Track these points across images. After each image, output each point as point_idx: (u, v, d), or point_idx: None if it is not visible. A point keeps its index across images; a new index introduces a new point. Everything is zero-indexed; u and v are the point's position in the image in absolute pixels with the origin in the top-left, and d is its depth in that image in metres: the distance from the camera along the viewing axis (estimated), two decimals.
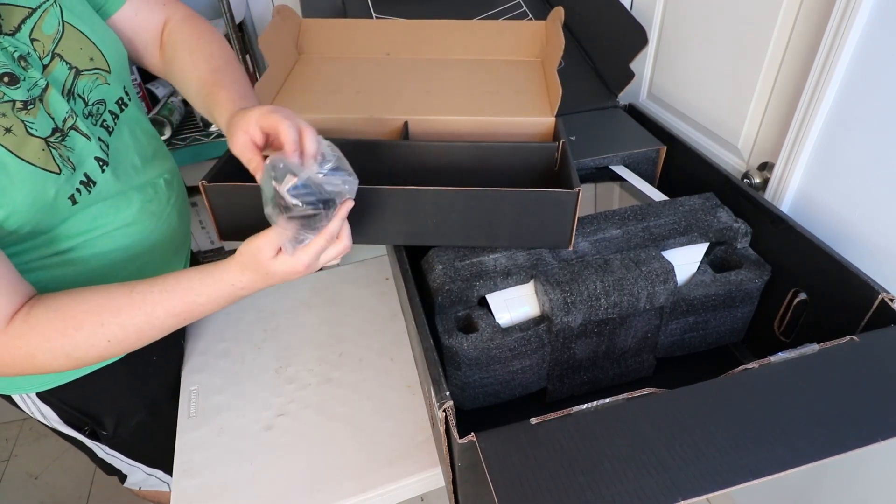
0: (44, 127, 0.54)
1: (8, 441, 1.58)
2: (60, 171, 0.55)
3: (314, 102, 0.82)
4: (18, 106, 0.52)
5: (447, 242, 0.70)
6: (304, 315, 0.92)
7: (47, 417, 0.74)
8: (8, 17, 0.54)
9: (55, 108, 0.55)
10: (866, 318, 0.61)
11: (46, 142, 0.53)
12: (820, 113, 0.71)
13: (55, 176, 0.54)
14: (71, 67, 0.58)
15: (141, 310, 0.55)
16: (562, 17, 0.89)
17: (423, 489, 0.70)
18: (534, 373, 0.71)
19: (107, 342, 0.55)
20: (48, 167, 0.53)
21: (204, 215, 1.53)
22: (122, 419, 0.79)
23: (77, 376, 0.70)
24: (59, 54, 0.57)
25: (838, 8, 0.65)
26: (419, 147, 0.74)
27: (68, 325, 0.53)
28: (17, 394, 0.71)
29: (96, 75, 0.61)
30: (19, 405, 0.73)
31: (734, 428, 0.47)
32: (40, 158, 0.53)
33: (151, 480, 0.90)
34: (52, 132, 0.54)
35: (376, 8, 1.09)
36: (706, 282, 0.70)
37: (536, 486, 0.43)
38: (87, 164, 0.58)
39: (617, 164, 0.91)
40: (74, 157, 0.56)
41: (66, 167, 0.55)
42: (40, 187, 0.53)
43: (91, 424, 0.77)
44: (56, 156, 0.54)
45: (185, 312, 0.57)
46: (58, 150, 0.55)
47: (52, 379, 0.69)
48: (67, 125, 0.56)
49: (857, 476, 0.86)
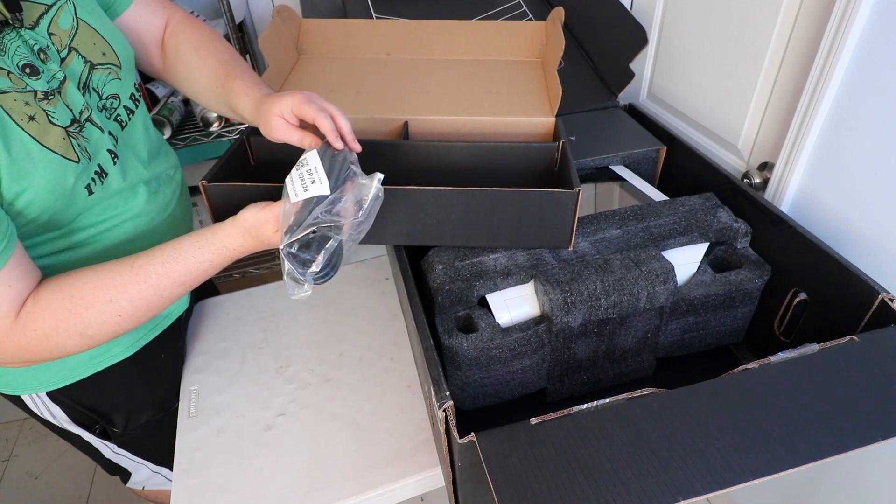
0: (64, 117, 0.55)
1: (8, 441, 1.58)
2: (79, 161, 0.56)
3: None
4: (40, 96, 0.53)
5: (447, 242, 0.70)
6: (304, 315, 0.92)
7: (56, 417, 0.74)
8: (28, 12, 0.55)
9: (72, 100, 0.57)
10: (866, 318, 0.61)
11: (66, 131, 0.55)
12: (820, 113, 0.71)
13: (74, 164, 0.55)
14: (86, 61, 0.59)
15: (146, 283, 0.57)
16: (562, 18, 0.89)
17: (423, 489, 0.70)
18: (534, 373, 0.71)
19: (118, 317, 0.57)
20: (69, 155, 0.55)
21: (204, 215, 1.53)
22: (132, 417, 0.79)
23: (87, 375, 0.70)
24: (75, 48, 0.58)
25: (838, 8, 0.65)
26: (419, 147, 0.74)
27: (78, 304, 0.55)
28: (27, 394, 0.71)
29: (109, 70, 0.62)
30: (28, 405, 0.73)
31: (734, 428, 0.47)
32: (61, 147, 0.54)
33: (156, 478, 0.90)
34: (71, 122, 0.56)
35: (376, 8, 1.09)
36: (706, 282, 0.70)
37: (536, 486, 0.43)
38: (101, 155, 0.60)
39: (617, 164, 0.91)
40: (91, 147, 0.58)
41: (84, 157, 0.57)
42: (61, 174, 0.54)
43: (101, 423, 0.77)
44: (75, 145, 0.56)
45: (191, 280, 0.60)
46: (76, 139, 0.56)
47: (62, 378, 0.69)
48: (84, 117, 0.58)
49: (857, 476, 0.85)
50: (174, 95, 1.39)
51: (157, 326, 0.76)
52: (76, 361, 0.69)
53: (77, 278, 0.56)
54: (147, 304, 0.58)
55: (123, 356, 0.72)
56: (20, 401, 0.72)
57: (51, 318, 0.54)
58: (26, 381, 0.69)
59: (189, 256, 0.59)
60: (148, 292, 0.57)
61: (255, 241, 0.59)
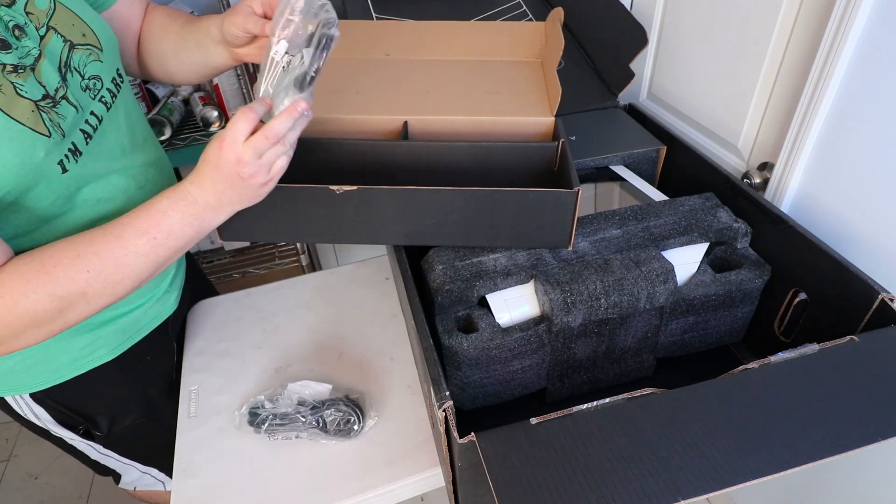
0: (33, 91, 0.54)
1: (8, 441, 1.58)
2: (50, 135, 0.55)
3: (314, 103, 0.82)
4: (9, 69, 0.52)
5: (447, 242, 0.70)
6: (304, 315, 0.92)
7: (41, 418, 0.74)
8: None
9: (47, 78, 0.56)
10: (866, 318, 0.61)
11: (36, 104, 0.54)
12: (820, 113, 0.71)
13: (45, 138, 0.54)
14: (65, 41, 0.59)
15: (112, 233, 0.56)
16: (561, 18, 0.89)
17: (423, 489, 0.70)
18: (534, 373, 0.71)
19: (86, 273, 0.55)
20: (38, 128, 0.54)
21: None
22: (116, 419, 0.79)
23: (71, 376, 0.70)
24: (53, 27, 0.58)
25: (838, 8, 0.65)
26: (419, 147, 0.74)
27: (46, 262, 0.54)
28: (10, 395, 0.71)
29: (89, 51, 0.62)
30: (12, 407, 0.72)
31: (734, 428, 0.47)
32: (30, 119, 0.53)
33: (146, 479, 0.89)
34: (42, 97, 0.55)
35: (376, 8, 1.09)
36: (706, 282, 0.70)
37: (536, 486, 0.43)
38: (75, 133, 0.59)
39: (617, 164, 0.91)
40: (65, 124, 0.57)
41: (57, 132, 0.56)
42: (29, 147, 0.53)
43: (85, 424, 0.77)
44: (46, 119, 0.54)
45: (154, 229, 0.57)
46: (48, 114, 0.55)
47: (45, 379, 0.69)
48: (59, 94, 0.56)
49: (857, 476, 0.85)
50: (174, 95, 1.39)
51: (143, 329, 0.76)
52: (60, 363, 0.69)
53: (48, 245, 0.56)
54: (115, 258, 0.56)
55: (107, 358, 0.72)
56: (3, 402, 0.72)
57: (19, 280, 0.53)
58: (9, 383, 0.69)
59: (150, 205, 0.58)
60: (113, 244, 0.56)
61: (211, 166, 0.57)
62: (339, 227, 0.67)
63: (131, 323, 0.74)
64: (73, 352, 0.69)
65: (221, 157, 0.56)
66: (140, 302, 0.74)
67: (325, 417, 0.71)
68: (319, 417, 0.71)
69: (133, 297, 0.72)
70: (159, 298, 0.77)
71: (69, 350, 0.69)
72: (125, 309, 0.72)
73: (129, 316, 0.73)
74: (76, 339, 0.68)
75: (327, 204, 0.65)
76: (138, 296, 0.73)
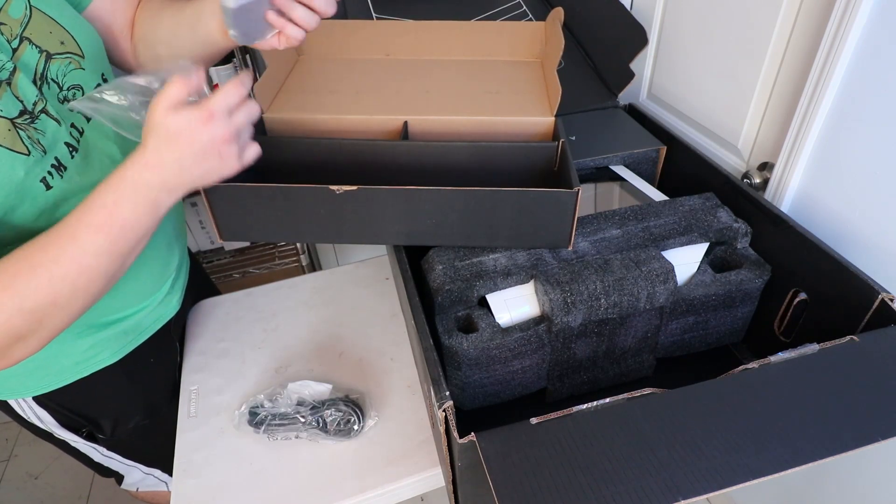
0: (10, 108, 0.52)
1: (8, 441, 1.58)
2: (30, 153, 0.53)
3: (314, 103, 0.82)
4: None
5: (447, 242, 0.70)
6: (304, 315, 0.92)
7: (44, 421, 0.74)
8: None
9: (24, 92, 0.54)
10: (866, 318, 0.61)
11: (13, 122, 0.52)
12: (820, 113, 0.71)
13: (24, 157, 0.52)
14: (41, 51, 0.57)
15: (64, 235, 0.52)
16: (561, 18, 0.89)
17: (423, 489, 0.70)
18: (534, 373, 0.71)
19: (48, 280, 0.51)
20: (15, 147, 0.52)
21: (204, 215, 1.53)
22: (119, 422, 0.79)
23: (74, 379, 0.70)
24: (28, 38, 0.56)
25: (838, 8, 0.65)
26: (418, 147, 0.74)
27: (2, 278, 0.50)
28: (13, 399, 0.71)
29: (69, 59, 0.59)
30: (15, 410, 0.72)
31: (734, 428, 0.47)
32: (6, 139, 0.51)
33: (149, 480, 0.90)
34: (19, 114, 0.53)
35: (376, 8, 1.09)
36: (706, 282, 0.70)
37: (536, 486, 0.43)
38: (58, 148, 0.57)
39: (617, 164, 0.91)
40: (46, 140, 0.55)
41: (37, 149, 0.54)
42: (8, 167, 0.51)
43: (88, 427, 0.77)
44: (24, 137, 0.53)
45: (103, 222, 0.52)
46: (26, 131, 0.53)
47: (49, 382, 0.69)
48: (38, 108, 0.55)
49: (857, 476, 0.85)
50: None
51: (146, 331, 0.76)
52: (63, 366, 0.69)
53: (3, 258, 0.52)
54: (74, 261, 0.52)
55: (111, 361, 0.72)
56: (6, 405, 0.72)
57: None
58: (12, 386, 0.69)
59: (94, 197, 0.52)
60: (68, 245, 0.51)
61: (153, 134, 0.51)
62: (339, 227, 0.67)
63: (134, 325, 0.74)
64: (77, 355, 0.69)
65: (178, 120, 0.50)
66: (143, 305, 0.74)
67: (324, 417, 0.71)
68: (319, 417, 0.71)
69: (135, 301, 0.72)
70: (162, 301, 0.77)
71: (72, 353, 0.68)
72: (128, 312, 0.72)
73: (132, 319, 0.73)
74: (79, 343, 0.68)
75: (327, 204, 0.65)
76: (140, 299, 0.73)
